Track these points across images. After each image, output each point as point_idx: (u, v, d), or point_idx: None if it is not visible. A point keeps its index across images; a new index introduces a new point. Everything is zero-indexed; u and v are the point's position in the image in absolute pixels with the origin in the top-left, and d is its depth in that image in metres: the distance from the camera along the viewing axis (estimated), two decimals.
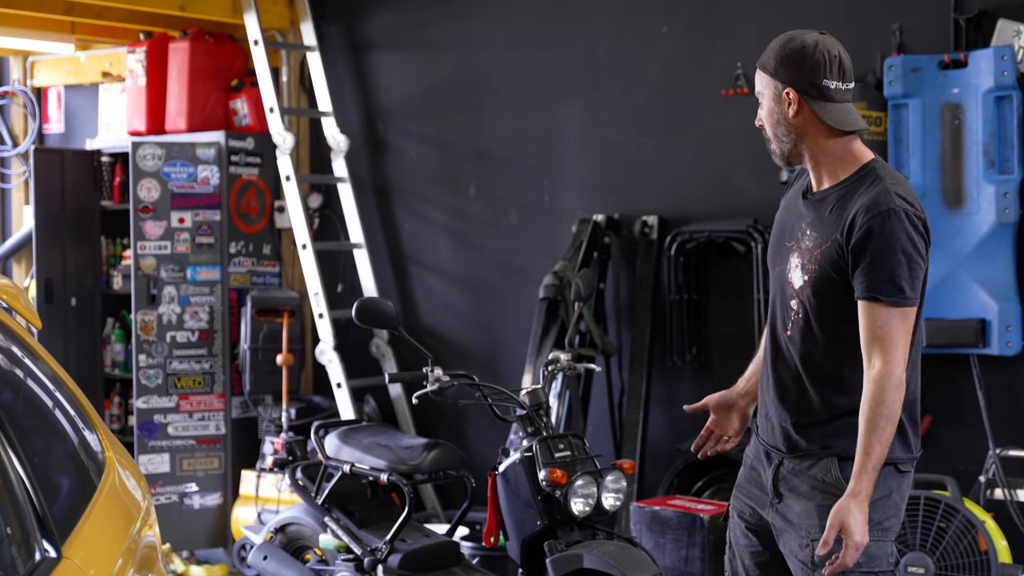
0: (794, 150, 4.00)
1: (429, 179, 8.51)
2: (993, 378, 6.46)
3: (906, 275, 3.77)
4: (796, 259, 4.00)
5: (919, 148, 6.48)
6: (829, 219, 3.91)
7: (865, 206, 3.79)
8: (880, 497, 3.86)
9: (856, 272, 3.81)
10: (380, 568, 5.87)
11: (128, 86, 8.89)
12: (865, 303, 3.79)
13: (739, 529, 4.28)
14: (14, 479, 3.08)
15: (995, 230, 6.33)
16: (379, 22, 8.65)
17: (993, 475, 6.24)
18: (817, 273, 3.91)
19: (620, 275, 7.65)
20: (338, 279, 8.55)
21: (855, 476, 3.74)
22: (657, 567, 5.52)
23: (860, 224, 3.78)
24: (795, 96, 3.91)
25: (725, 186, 7.19)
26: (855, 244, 3.79)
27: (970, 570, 6.02)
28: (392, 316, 6.23)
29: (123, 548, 3.66)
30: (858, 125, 3.97)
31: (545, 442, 5.50)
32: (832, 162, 3.98)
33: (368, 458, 6.02)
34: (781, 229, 4.17)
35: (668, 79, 7.49)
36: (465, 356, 8.01)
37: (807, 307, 3.97)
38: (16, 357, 3.77)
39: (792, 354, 4.06)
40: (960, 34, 6.59)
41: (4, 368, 3.59)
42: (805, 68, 3.92)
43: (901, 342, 3.79)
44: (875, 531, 3.81)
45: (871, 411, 3.75)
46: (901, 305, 3.78)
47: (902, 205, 3.78)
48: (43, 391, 3.85)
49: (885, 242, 3.75)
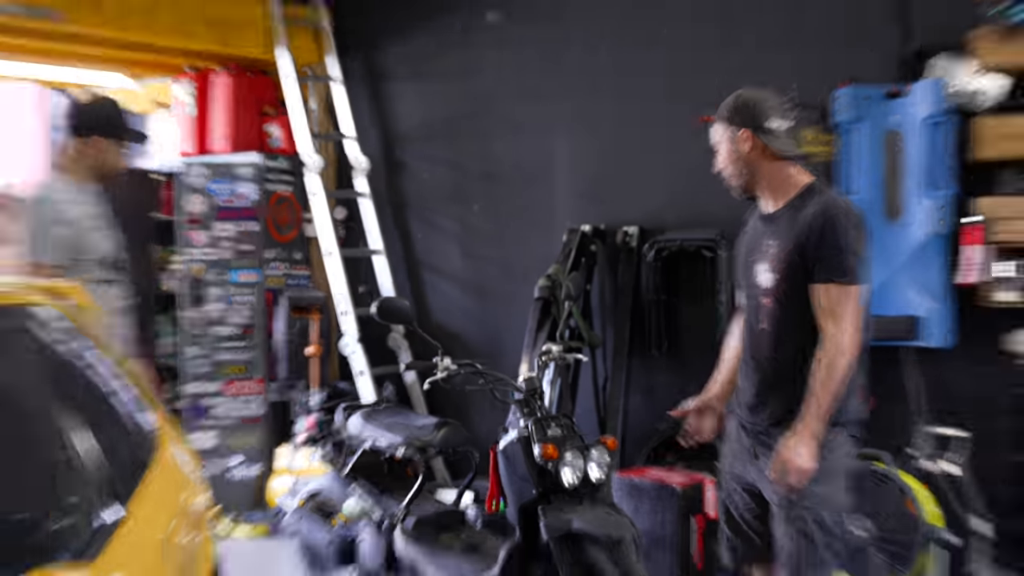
0: (750, 180, 4.39)
1: (440, 195, 8.54)
2: (924, 366, 6.49)
3: (853, 262, 4.12)
4: (764, 265, 4.34)
5: (864, 169, 6.52)
6: (787, 228, 4.24)
7: (817, 212, 4.16)
8: (839, 454, 4.24)
9: (814, 263, 4.13)
10: (397, 530, 5.90)
11: (177, 114, 8.92)
12: (822, 286, 4.14)
13: (737, 493, 4.54)
14: (88, 451, 3.13)
15: (928, 240, 6.36)
16: (394, 57, 8.68)
17: (922, 449, 6.27)
18: (784, 271, 4.24)
19: (604, 278, 7.67)
20: (360, 281, 8.57)
21: (804, 418, 4.09)
22: (635, 529, 5.54)
23: (815, 226, 4.14)
24: (748, 134, 4.30)
25: (695, 201, 7.21)
26: (812, 241, 4.13)
27: (901, 530, 6.05)
28: (407, 313, 6.26)
29: (176, 509, 3.71)
30: (798, 152, 4.38)
31: (539, 422, 5.53)
32: (780, 185, 4.34)
33: (386, 435, 6.05)
34: (747, 250, 4.50)
35: (646, 112, 7.52)
36: (470, 348, 8.04)
37: (778, 300, 4.29)
38: (86, 350, 3.81)
39: (767, 343, 4.37)
40: (901, 68, 6.62)
41: (76, 360, 3.63)
42: (753, 114, 4.31)
43: (851, 315, 4.11)
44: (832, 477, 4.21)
45: (823, 368, 4.09)
46: (851, 284, 4.12)
47: (846, 208, 4.18)
48: (109, 378, 3.90)
49: (836, 238, 4.11)
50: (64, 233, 5.08)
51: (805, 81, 6.75)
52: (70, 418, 3.17)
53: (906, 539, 6.06)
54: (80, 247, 5.14)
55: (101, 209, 5.33)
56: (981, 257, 6.17)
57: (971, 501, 6.19)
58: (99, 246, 5.24)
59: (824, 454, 4.15)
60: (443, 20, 8.41)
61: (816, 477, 4.15)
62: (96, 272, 5.20)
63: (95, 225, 5.24)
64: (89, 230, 5.19)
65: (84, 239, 5.16)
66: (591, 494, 5.55)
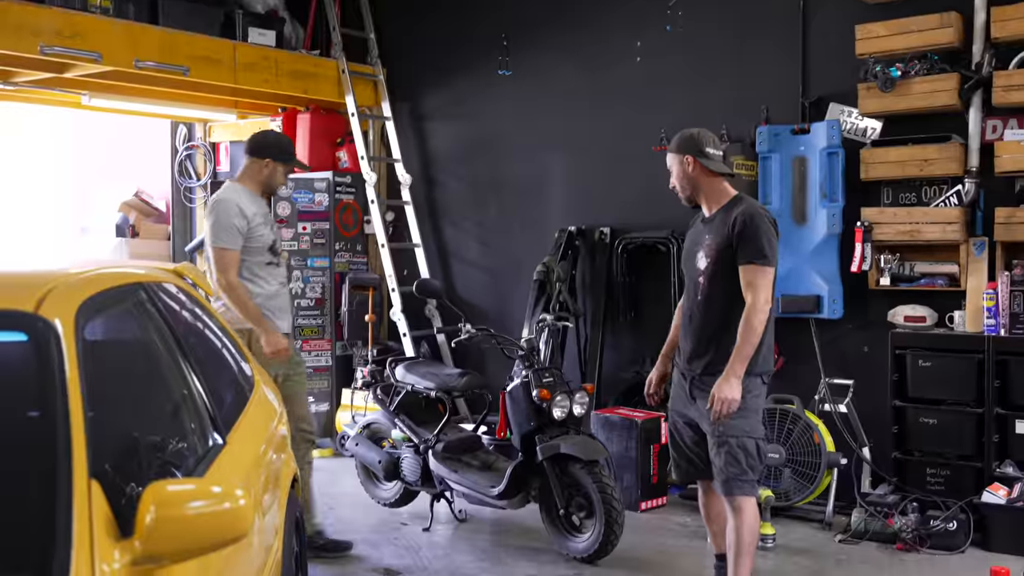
0: (694, 192, 4.48)
1: (463, 203, 8.49)
2: (824, 333, 6.46)
3: (767, 249, 4.21)
4: (701, 254, 4.40)
5: (778, 185, 6.46)
6: (719, 226, 4.33)
7: (741, 212, 4.26)
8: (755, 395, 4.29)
9: (738, 249, 4.22)
10: (430, 452, 5.88)
11: None
12: (744, 266, 4.21)
13: (681, 426, 4.55)
14: (196, 393, 3.09)
15: (826, 238, 6.31)
16: (431, 101, 8.64)
17: (823, 395, 6.24)
18: (715, 257, 4.31)
19: (585, 265, 7.62)
20: (404, 267, 8.53)
21: (730, 364, 4.19)
22: (607, 452, 5.54)
23: (739, 222, 4.23)
24: (691, 159, 4.39)
25: (653, 208, 7.14)
26: (737, 233, 4.22)
27: (808, 455, 6.02)
28: (439, 290, 6.24)
29: (265, 437, 3.67)
30: (729, 171, 4.48)
31: (537, 372, 5.50)
32: (715, 195, 4.42)
33: (423, 381, 6.02)
34: (690, 244, 4.56)
35: (618, 138, 7.46)
36: (485, 316, 7.99)
37: (710, 279, 4.34)
38: (198, 314, 3.78)
39: (701, 313, 4.41)
40: (805, 111, 6.58)
41: (190, 321, 3.60)
42: (693, 144, 4.40)
43: (765, 288, 4.21)
44: (751, 413, 4.27)
45: (744, 326, 4.18)
46: (765, 265, 4.21)
47: (762, 212, 4.29)
48: (214, 336, 3.86)
49: (755, 230, 4.21)
50: (240, 224, 5.12)
51: (734, 120, 6.73)
52: (189, 365, 3.14)
53: (812, 463, 6.02)
54: (251, 236, 5.18)
55: (265, 210, 5.37)
56: (865, 252, 6.12)
57: (857, 433, 6.15)
58: (265, 237, 5.26)
59: (744, 395, 4.19)
60: (465, 75, 8.36)
61: (738, 413, 4.19)
62: (264, 256, 5.25)
63: (262, 222, 5.26)
64: (259, 225, 5.22)
65: (255, 231, 5.19)
66: (575, 426, 5.54)
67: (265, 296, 5.23)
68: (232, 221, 5.12)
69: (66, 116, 10.13)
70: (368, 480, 6.44)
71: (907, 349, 5.96)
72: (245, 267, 5.19)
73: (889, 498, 5.78)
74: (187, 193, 9.99)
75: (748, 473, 4.23)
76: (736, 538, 4.28)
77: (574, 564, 5.29)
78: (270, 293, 5.28)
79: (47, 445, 2.08)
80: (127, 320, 3.01)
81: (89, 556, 1.95)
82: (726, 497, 4.28)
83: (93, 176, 10.69)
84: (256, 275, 5.23)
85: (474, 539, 5.81)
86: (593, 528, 5.23)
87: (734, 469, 4.22)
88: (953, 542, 5.45)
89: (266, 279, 5.27)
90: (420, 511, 6.18)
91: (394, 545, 5.65)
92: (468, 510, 6.18)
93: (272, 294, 5.30)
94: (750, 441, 4.23)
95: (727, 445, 4.22)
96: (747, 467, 4.23)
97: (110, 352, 2.82)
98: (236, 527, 2.14)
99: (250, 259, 5.20)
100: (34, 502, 2.01)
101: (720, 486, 4.29)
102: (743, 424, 4.22)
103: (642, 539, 5.74)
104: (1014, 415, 5.62)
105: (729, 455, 4.22)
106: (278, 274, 5.38)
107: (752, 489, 4.27)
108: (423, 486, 5.98)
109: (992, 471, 5.61)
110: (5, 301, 2.41)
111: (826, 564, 5.34)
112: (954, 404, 5.81)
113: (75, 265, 2.82)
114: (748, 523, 4.26)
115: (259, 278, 5.24)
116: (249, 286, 5.17)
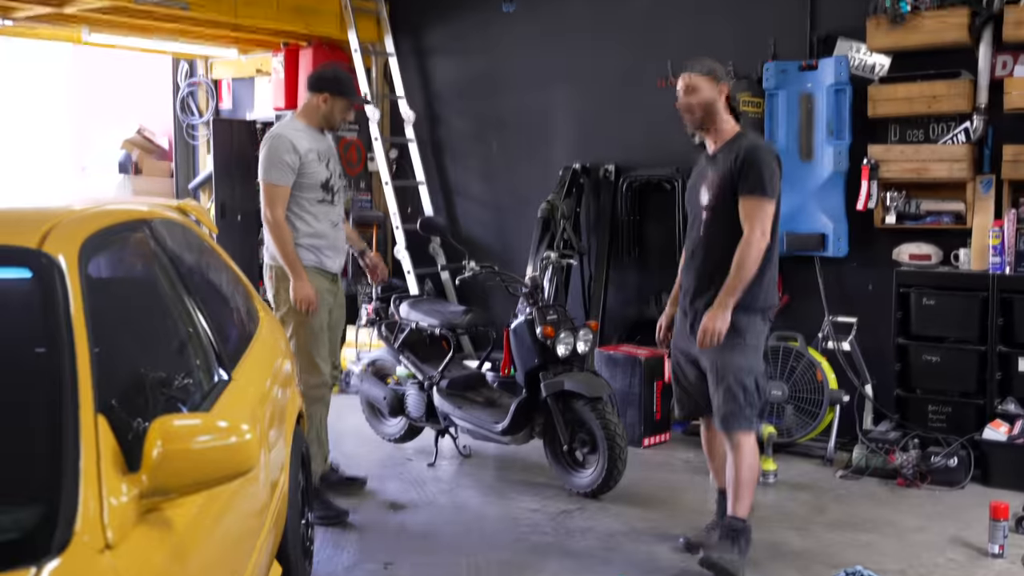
0: (705, 121, 4.37)
1: (466, 139, 8.45)
2: (828, 271, 6.46)
3: (768, 182, 4.17)
4: (705, 189, 4.37)
5: (785, 122, 6.41)
6: (722, 161, 4.29)
7: (745, 148, 4.22)
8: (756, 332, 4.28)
9: (740, 182, 4.18)
10: (435, 389, 5.91)
11: (273, 79, 8.82)
12: (745, 198, 4.18)
13: (683, 363, 4.55)
14: (201, 329, 3.10)
15: (832, 176, 6.27)
16: (434, 36, 8.56)
17: (827, 333, 6.26)
18: (717, 191, 4.29)
19: (590, 203, 7.60)
20: (408, 204, 8.51)
21: (720, 295, 4.18)
22: (611, 389, 5.57)
23: (742, 157, 4.19)
24: (726, 88, 4.36)
25: (658, 145, 7.12)
26: (740, 167, 4.19)
27: (811, 392, 6.06)
28: (443, 228, 6.23)
29: (271, 373, 3.69)
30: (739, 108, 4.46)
31: (541, 309, 5.51)
32: (721, 131, 4.38)
33: (427, 318, 6.04)
34: (694, 180, 4.52)
35: (623, 74, 7.40)
36: (489, 254, 7.98)
37: (713, 212, 4.32)
38: (203, 251, 3.78)
39: (703, 250, 4.38)
40: (813, 47, 6.51)
41: (195, 258, 3.60)
42: (725, 76, 4.40)
43: (764, 220, 4.18)
44: (751, 350, 4.26)
45: (737, 257, 4.17)
46: (764, 198, 4.17)
47: (765, 147, 4.28)
48: (220, 273, 3.86)
49: (757, 164, 4.18)
50: (291, 160, 4.94)
51: (741, 57, 6.64)
52: (193, 302, 3.14)
53: (815, 400, 6.05)
54: (303, 172, 4.99)
55: (323, 147, 5.14)
56: (871, 190, 6.10)
57: (859, 370, 6.17)
58: (318, 174, 5.05)
59: (743, 333, 4.21)
60: (469, 11, 8.28)
61: (737, 350, 4.21)
62: (316, 193, 5.05)
63: (316, 158, 5.05)
64: (312, 161, 5.02)
65: (307, 167, 5.00)
66: (579, 363, 5.56)
67: (311, 234, 5.04)
68: (283, 157, 4.93)
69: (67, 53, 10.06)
70: (373, 416, 6.48)
71: (911, 287, 5.96)
72: (295, 202, 4.99)
73: (890, 435, 5.82)
74: (189, 130, 9.94)
75: (746, 410, 4.25)
76: (735, 474, 4.31)
77: (577, 499, 5.34)
78: (318, 231, 5.06)
79: (54, 380, 2.09)
80: (131, 257, 3.02)
81: (97, 489, 1.97)
82: (724, 433, 4.31)
83: (95, 114, 10.64)
84: (306, 211, 5.02)
85: (478, 474, 5.86)
86: (596, 464, 5.27)
87: (732, 406, 4.24)
88: (953, 478, 5.50)
89: (316, 216, 5.05)
90: (425, 447, 6.23)
91: (399, 480, 5.71)
92: (472, 446, 6.23)
93: (319, 232, 5.07)
94: (749, 378, 4.24)
95: (725, 382, 4.24)
96: (745, 404, 4.24)
97: (114, 289, 2.82)
98: (242, 461, 2.16)
99: (300, 195, 4.99)
100: (42, 437, 2.02)
101: (719, 422, 4.31)
102: (742, 361, 4.23)
103: (645, 475, 5.80)
104: (1017, 353, 5.63)
105: (727, 392, 4.24)
106: (331, 212, 5.13)
107: (750, 425, 4.28)
108: (427, 422, 6.02)
109: (994, 408, 5.65)
110: (8, 238, 2.42)
111: (827, 499, 5.39)
112: (957, 342, 5.82)
113: (78, 202, 2.82)
114: (746, 459, 4.29)
115: (308, 214, 5.03)
116: (296, 222, 4.99)
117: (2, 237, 2.42)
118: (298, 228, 5.00)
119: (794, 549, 4.66)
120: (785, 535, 4.83)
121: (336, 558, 4.55)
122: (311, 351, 5.05)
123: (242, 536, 2.76)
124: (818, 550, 4.64)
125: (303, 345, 5.00)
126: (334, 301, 5.24)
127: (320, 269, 5.09)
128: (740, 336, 4.20)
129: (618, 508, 5.22)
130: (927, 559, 4.53)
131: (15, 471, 2.02)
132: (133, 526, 2.03)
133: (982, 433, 5.55)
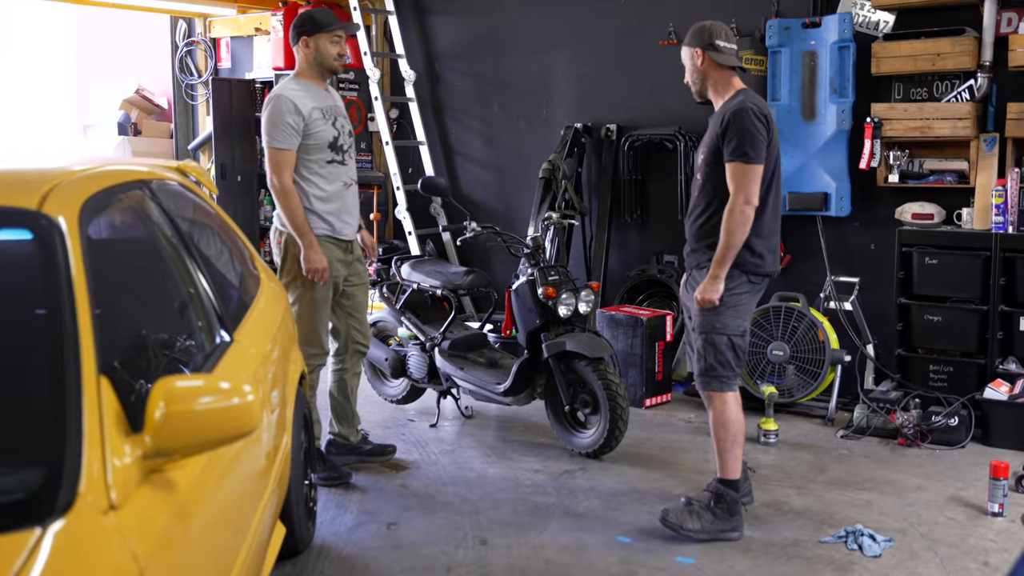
0: (703, 86, 4.41)
1: (467, 99, 8.40)
2: (830, 231, 6.45)
3: (749, 146, 4.13)
4: (701, 149, 4.40)
5: (788, 80, 6.37)
6: (713, 123, 4.31)
7: (730, 108, 4.20)
8: (736, 292, 4.26)
9: (724, 146, 4.18)
10: (436, 350, 5.92)
11: (272, 37, 8.75)
12: (730, 164, 4.17)
13: (686, 317, 4.56)
14: (203, 291, 3.10)
15: (835, 135, 6.24)
16: None
17: (828, 292, 6.26)
18: (707, 152, 4.30)
19: (591, 163, 7.57)
20: (409, 165, 8.49)
21: (712, 266, 4.21)
22: (612, 350, 5.58)
23: (726, 119, 4.18)
24: (700, 52, 4.31)
25: (660, 104, 7.09)
26: (722, 130, 4.19)
27: (813, 352, 6.07)
28: (444, 188, 6.19)
29: (271, 335, 3.69)
30: (736, 63, 4.35)
31: (542, 270, 5.51)
32: (721, 89, 4.37)
33: (428, 279, 6.04)
34: (700, 142, 4.50)
35: (625, 33, 7.34)
36: (491, 214, 7.98)
37: (705, 174, 4.34)
38: (204, 213, 3.77)
39: (697, 209, 4.41)
40: (817, 4, 6.45)
41: (196, 220, 3.60)
42: (704, 36, 4.32)
43: (749, 185, 4.15)
44: (726, 308, 4.26)
45: (726, 224, 4.17)
46: (746, 163, 4.14)
47: (750, 107, 4.17)
48: (220, 234, 3.86)
49: (739, 128, 4.14)
50: (294, 121, 4.73)
51: (743, 15, 6.59)
52: (194, 263, 3.14)
53: (816, 360, 6.06)
54: (309, 133, 4.78)
55: (328, 104, 4.94)
56: (874, 148, 6.07)
57: (861, 330, 6.18)
58: (325, 133, 4.85)
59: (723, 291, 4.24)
60: None
61: (714, 309, 4.24)
62: (325, 154, 4.85)
63: (321, 117, 4.84)
64: (316, 120, 4.81)
65: (312, 127, 4.78)
66: (580, 324, 5.57)
67: (322, 198, 4.84)
68: (285, 119, 4.71)
69: (65, 12, 9.98)
70: (375, 377, 6.50)
71: (914, 247, 5.95)
72: (303, 165, 4.79)
73: (892, 394, 5.84)
74: (188, 90, 9.88)
75: (717, 368, 4.26)
76: (713, 433, 4.34)
77: (579, 459, 5.37)
78: (328, 194, 4.86)
79: (55, 342, 2.10)
80: (131, 218, 3.01)
81: (100, 450, 1.98)
82: (700, 391, 4.37)
83: (93, 74, 10.57)
84: (315, 174, 4.82)
85: (480, 435, 5.89)
86: (598, 424, 5.30)
87: (701, 364, 4.30)
88: (954, 437, 5.52)
89: (326, 178, 4.84)
90: (427, 408, 6.26)
91: (402, 440, 5.73)
92: (474, 407, 6.26)
93: (329, 195, 4.87)
94: (720, 337, 4.24)
95: (699, 340, 4.30)
96: (715, 363, 4.25)
97: (115, 250, 2.82)
98: (245, 422, 2.17)
99: (308, 157, 4.79)
100: (44, 398, 2.03)
101: (696, 380, 4.38)
102: (714, 320, 4.24)
103: (646, 435, 5.82)
104: (1018, 312, 5.64)
105: (699, 350, 4.29)
106: (341, 173, 4.92)
107: (721, 385, 4.28)
108: (430, 383, 6.04)
109: (995, 368, 5.66)
110: (8, 199, 2.41)
111: (828, 459, 5.42)
112: (959, 301, 5.83)
113: (78, 163, 2.81)
114: (718, 418, 4.29)
115: (318, 177, 4.82)
116: (305, 187, 4.79)
117: (2, 198, 2.41)
118: (308, 193, 4.81)
119: (794, 508, 4.69)
120: (786, 494, 4.86)
121: (339, 519, 4.58)
122: (312, 321, 4.90)
123: (245, 497, 2.78)
124: (818, 509, 4.67)
125: (304, 314, 4.87)
126: (348, 271, 5.05)
127: (332, 238, 4.91)
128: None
129: (620, 468, 5.24)
130: (927, 518, 4.56)
131: (19, 433, 2.03)
132: (137, 487, 2.04)
133: (983, 392, 5.57)
